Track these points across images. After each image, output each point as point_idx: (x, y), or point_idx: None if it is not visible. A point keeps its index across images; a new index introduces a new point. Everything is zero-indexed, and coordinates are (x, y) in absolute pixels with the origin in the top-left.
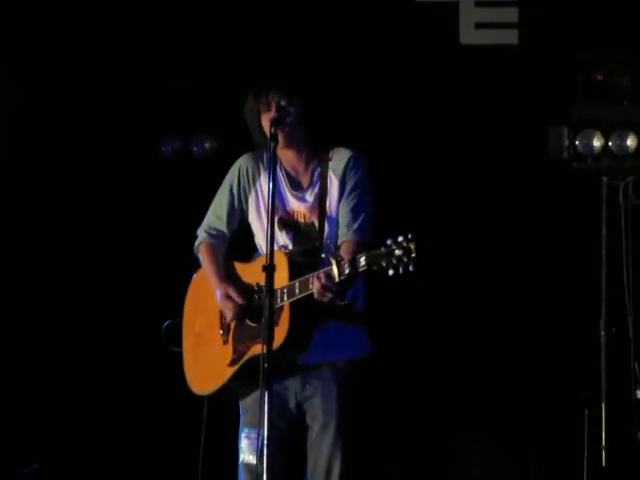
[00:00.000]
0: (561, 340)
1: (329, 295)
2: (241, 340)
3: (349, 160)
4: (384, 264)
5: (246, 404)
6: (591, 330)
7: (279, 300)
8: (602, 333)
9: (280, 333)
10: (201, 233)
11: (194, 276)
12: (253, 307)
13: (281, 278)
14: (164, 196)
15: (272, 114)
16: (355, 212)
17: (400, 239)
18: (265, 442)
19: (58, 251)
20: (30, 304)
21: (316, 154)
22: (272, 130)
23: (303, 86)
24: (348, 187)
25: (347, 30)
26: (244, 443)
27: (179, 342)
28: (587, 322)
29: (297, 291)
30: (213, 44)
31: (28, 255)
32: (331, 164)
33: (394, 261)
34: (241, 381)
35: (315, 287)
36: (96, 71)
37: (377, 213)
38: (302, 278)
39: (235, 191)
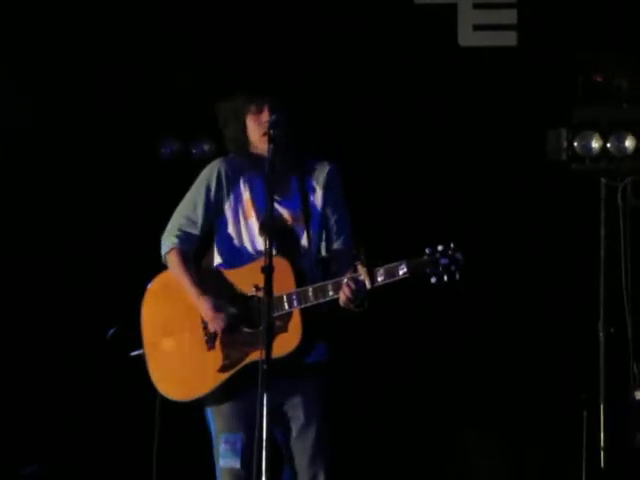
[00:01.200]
0: (560, 341)
1: (355, 302)
2: (234, 346)
3: (330, 171)
4: (428, 272)
5: (220, 410)
6: (590, 331)
7: (286, 306)
8: (600, 334)
9: (292, 340)
10: (170, 239)
11: (151, 284)
12: (248, 313)
13: (287, 284)
14: (163, 198)
15: (266, 117)
16: (341, 223)
17: (441, 247)
18: (264, 444)
19: (58, 251)
20: (28, 306)
21: (294, 162)
22: (270, 132)
23: (297, 91)
24: (332, 198)
25: (345, 32)
26: (223, 448)
27: (128, 348)
28: (586, 323)
29: (312, 297)
30: (213, 45)
31: (26, 255)
32: (313, 174)
33: (439, 269)
34: (231, 386)
35: (345, 294)
36: (96, 71)
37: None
38: (319, 284)
39: (213, 194)
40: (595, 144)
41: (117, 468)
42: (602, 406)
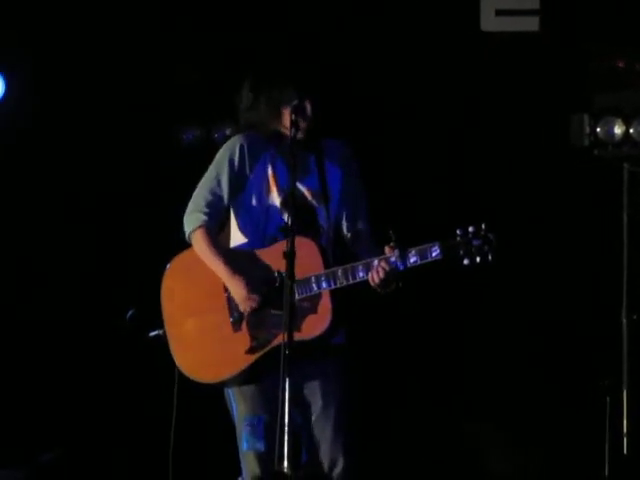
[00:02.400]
0: (583, 328)
1: (387, 283)
2: (261, 328)
3: (347, 151)
4: (461, 253)
5: (243, 392)
6: (613, 317)
7: (315, 287)
8: (624, 320)
9: (322, 320)
10: (196, 215)
11: (169, 265)
12: (277, 295)
13: (314, 265)
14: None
15: (309, 111)
16: (360, 202)
17: (472, 229)
18: (286, 429)
19: (81, 235)
20: (48, 289)
21: (311, 141)
22: (292, 117)
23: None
24: (350, 177)
25: (366, 17)
26: (246, 431)
27: (147, 329)
28: (608, 309)
29: (341, 278)
30: (237, 29)
31: (49, 238)
32: (329, 153)
33: (472, 250)
34: (259, 368)
35: (378, 273)
36: (117, 59)
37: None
38: (349, 265)
39: (237, 168)
40: (618, 130)
41: (135, 452)
42: (625, 392)
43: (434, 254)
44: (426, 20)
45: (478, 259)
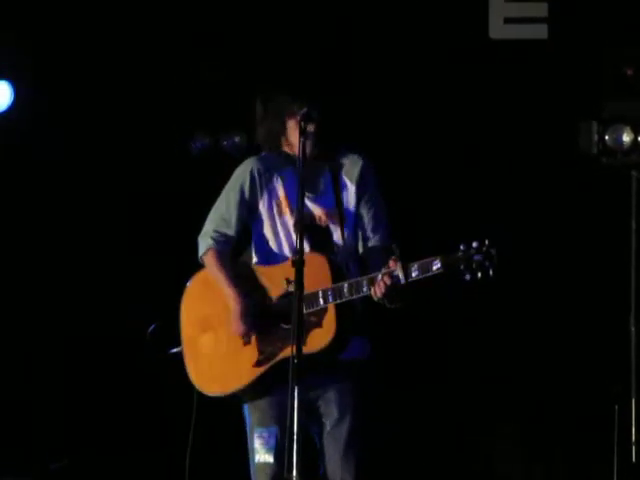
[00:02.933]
0: (591, 335)
1: (390, 297)
2: (270, 341)
3: (363, 166)
4: (462, 268)
5: (256, 405)
6: (621, 325)
7: (322, 301)
8: (632, 328)
9: (325, 335)
10: (206, 240)
11: (190, 282)
12: (285, 309)
13: (322, 279)
14: (195, 192)
15: (310, 129)
16: (376, 221)
17: (476, 244)
18: (295, 438)
19: (86, 245)
20: (70, 302)
21: (324, 156)
22: (302, 124)
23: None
24: (365, 196)
25: (375, 25)
26: (257, 443)
27: (167, 345)
28: (617, 317)
29: (347, 293)
30: (244, 38)
31: (67, 253)
32: (344, 168)
33: (473, 266)
34: (267, 381)
35: (380, 288)
36: (126, 67)
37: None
38: (354, 280)
39: (247, 194)
40: (626, 137)
41: (153, 464)
42: (634, 400)
43: (435, 268)
44: (435, 28)
45: (479, 274)
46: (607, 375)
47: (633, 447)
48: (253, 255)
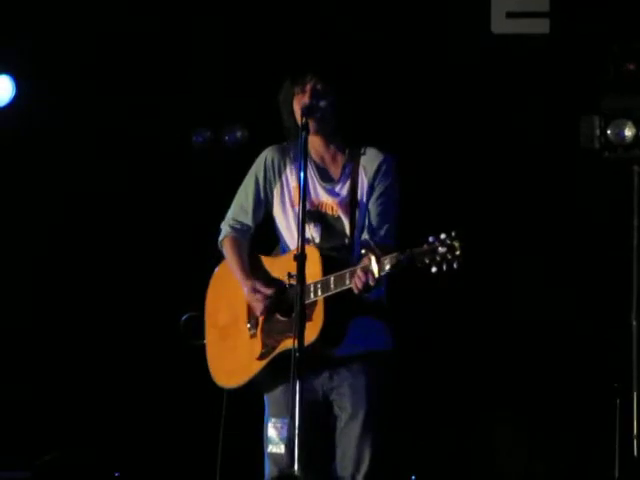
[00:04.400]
0: (593, 330)
1: (367, 290)
2: (270, 334)
3: (381, 164)
4: (427, 261)
5: (272, 396)
6: (622, 320)
7: (312, 295)
8: (633, 323)
9: (314, 328)
10: (225, 227)
11: (216, 270)
12: (283, 301)
13: (313, 273)
14: (196, 186)
15: (305, 99)
16: (382, 218)
17: (443, 236)
18: (296, 432)
19: (90, 240)
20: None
21: (346, 148)
22: (303, 120)
23: (340, 72)
24: (377, 192)
25: (378, 19)
26: (271, 433)
27: (198, 335)
28: (618, 312)
29: (332, 286)
30: (247, 31)
31: (91, 247)
32: (362, 161)
33: (437, 258)
34: (270, 374)
35: (355, 282)
36: (127, 63)
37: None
38: (338, 273)
39: (261, 183)
40: (628, 132)
41: (185, 455)
42: (635, 394)
43: (405, 262)
44: (437, 22)
45: (444, 267)
46: (609, 370)
47: (635, 441)
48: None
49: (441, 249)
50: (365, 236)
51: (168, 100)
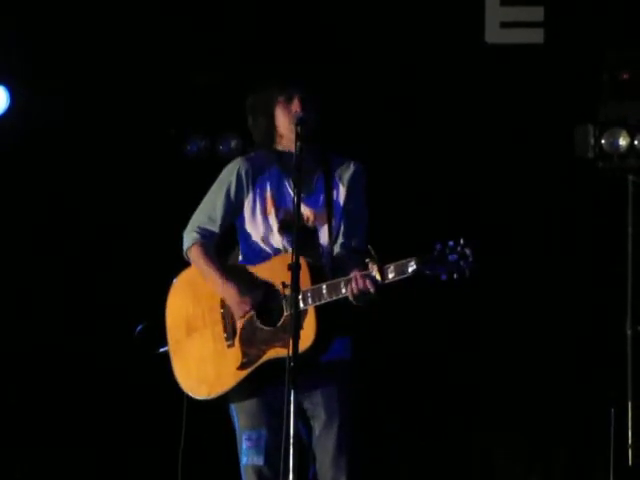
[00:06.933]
0: (587, 340)
1: (364, 298)
2: (252, 344)
3: (356, 170)
4: (437, 268)
5: (242, 406)
6: (617, 329)
7: (301, 303)
8: (628, 332)
9: (306, 338)
10: (191, 234)
11: (175, 281)
12: (268, 310)
13: (303, 281)
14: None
15: (297, 109)
16: (358, 224)
17: (451, 244)
18: (291, 441)
19: (77, 249)
20: (57, 303)
21: (319, 158)
22: (298, 129)
23: (324, 84)
24: (354, 197)
25: (371, 27)
26: (246, 445)
27: (156, 345)
28: (613, 321)
29: (325, 294)
30: (239, 41)
31: (55, 254)
32: (337, 171)
33: (448, 266)
34: (251, 384)
35: (352, 288)
36: (121, 70)
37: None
38: (332, 281)
39: (232, 194)
40: (622, 141)
41: (143, 466)
42: (630, 404)
43: (410, 269)
44: (431, 32)
45: (455, 275)
46: (604, 379)
47: (629, 450)
48: (239, 254)
49: (452, 257)
50: (340, 241)
51: (162, 109)
